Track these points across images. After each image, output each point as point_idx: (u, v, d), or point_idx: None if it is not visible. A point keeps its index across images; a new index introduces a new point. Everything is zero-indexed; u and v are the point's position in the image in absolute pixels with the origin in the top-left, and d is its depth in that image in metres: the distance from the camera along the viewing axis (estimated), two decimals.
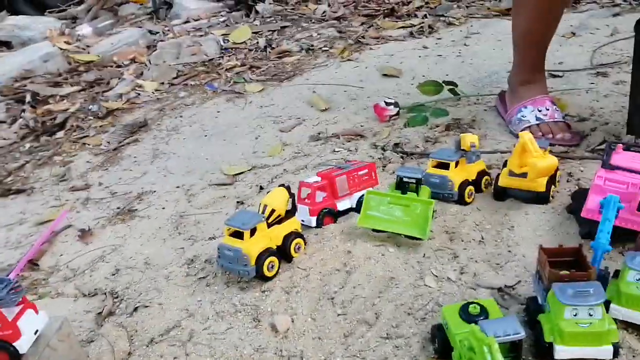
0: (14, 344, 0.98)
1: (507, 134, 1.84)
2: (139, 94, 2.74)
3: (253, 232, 1.26)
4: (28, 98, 2.64)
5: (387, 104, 2.05)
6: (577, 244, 1.25)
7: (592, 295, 0.95)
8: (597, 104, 2.00)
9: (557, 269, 1.03)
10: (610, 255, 1.21)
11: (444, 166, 1.49)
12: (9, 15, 3.72)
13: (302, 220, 1.40)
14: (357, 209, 1.47)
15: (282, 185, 1.36)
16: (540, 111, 1.78)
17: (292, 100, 2.41)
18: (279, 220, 1.32)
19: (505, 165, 1.50)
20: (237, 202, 1.74)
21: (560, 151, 1.68)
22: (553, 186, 1.44)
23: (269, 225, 1.30)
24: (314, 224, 1.41)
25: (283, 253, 1.30)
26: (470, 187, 1.48)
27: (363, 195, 1.47)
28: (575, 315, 0.95)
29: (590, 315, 0.95)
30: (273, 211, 1.31)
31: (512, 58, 1.90)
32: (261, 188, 1.78)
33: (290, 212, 1.35)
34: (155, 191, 1.90)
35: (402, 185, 1.39)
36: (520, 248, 1.28)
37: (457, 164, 1.48)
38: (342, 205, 1.46)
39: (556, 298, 0.96)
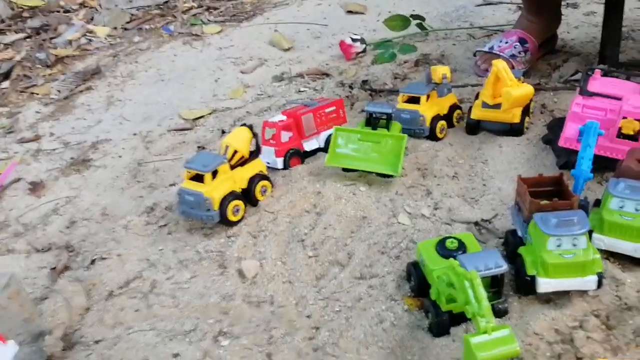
0: None
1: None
2: (90, 40, 2.57)
3: (215, 174, 1.18)
4: None
5: (354, 40, 1.96)
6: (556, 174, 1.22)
7: (576, 224, 0.90)
8: (568, 35, 1.94)
9: (538, 199, 0.98)
10: (588, 185, 1.16)
11: (415, 101, 1.41)
12: None
13: (268, 162, 1.32)
14: (325, 148, 1.39)
15: (244, 124, 1.27)
16: (501, 42, 1.71)
17: (253, 41, 2.29)
18: (243, 162, 1.24)
19: (477, 97, 1.44)
20: (198, 147, 1.65)
21: (533, 83, 1.62)
22: (527, 117, 1.38)
23: (232, 167, 1.22)
24: (280, 165, 1.33)
25: (248, 196, 1.23)
26: (442, 122, 1.41)
27: (331, 134, 1.39)
28: (559, 246, 0.90)
29: (574, 246, 0.90)
30: (236, 152, 1.22)
31: None
32: (223, 132, 1.68)
33: (254, 153, 1.27)
34: (111, 139, 1.79)
35: (372, 122, 1.31)
36: (496, 181, 1.23)
37: (428, 97, 1.41)
38: (309, 145, 1.38)
39: (538, 229, 0.92)
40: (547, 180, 1.02)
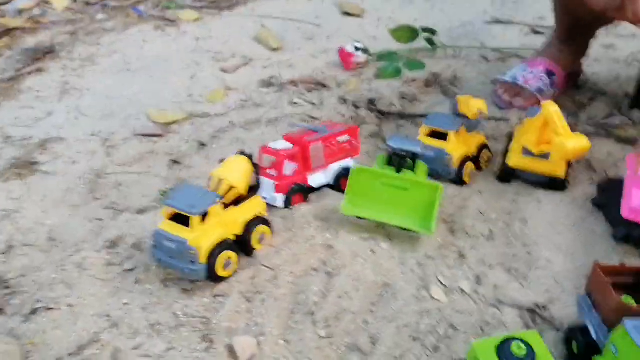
0: None
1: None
2: (45, 12, 2.24)
3: (204, 217, 0.93)
4: None
5: (356, 49, 1.73)
6: (607, 246, 1.03)
7: None
8: (589, 69, 1.76)
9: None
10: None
11: (439, 136, 1.20)
12: None
13: (264, 197, 1.08)
14: (334, 185, 1.16)
15: (243, 152, 1.02)
16: (525, 71, 1.52)
17: (236, 34, 2.03)
18: (237, 200, 0.99)
19: (510, 139, 1.24)
20: (171, 160, 1.38)
21: None
22: (570, 170, 1.19)
23: (225, 206, 0.97)
24: (280, 203, 1.09)
25: (242, 244, 0.98)
26: (471, 164, 1.20)
27: (342, 168, 1.16)
28: None
29: None
30: (231, 188, 0.97)
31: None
32: (202, 144, 1.43)
33: (253, 189, 1.02)
34: (63, 138, 1.50)
35: (395, 161, 1.08)
36: (541, 250, 1.03)
37: (456, 134, 1.19)
38: (315, 180, 1.14)
39: (631, 340, 0.71)
40: (629, 270, 0.83)
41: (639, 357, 0.71)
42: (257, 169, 1.02)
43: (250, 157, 1.02)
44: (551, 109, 1.11)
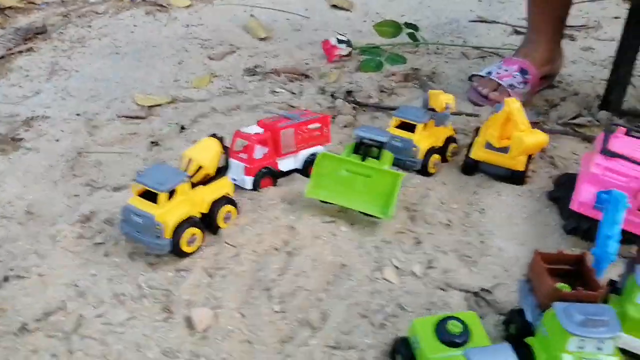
0: None
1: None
2: None
3: (171, 194, 0.97)
4: None
5: (339, 41, 1.77)
6: (558, 237, 1.08)
7: (606, 326, 0.75)
8: (565, 69, 1.80)
9: (554, 279, 0.83)
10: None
11: (408, 127, 1.24)
12: None
13: (234, 179, 1.12)
14: (302, 170, 1.21)
15: (214, 135, 1.07)
16: (500, 68, 1.57)
17: (225, 23, 2.07)
18: (206, 180, 1.04)
19: (477, 133, 1.28)
20: (151, 142, 1.42)
21: (530, 120, 1.47)
22: (530, 165, 1.24)
23: (193, 185, 1.01)
24: (249, 185, 1.14)
25: (208, 222, 1.03)
26: (437, 156, 1.25)
27: (311, 154, 1.21)
28: (581, 348, 0.75)
29: (599, 350, 0.75)
30: (200, 168, 1.02)
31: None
32: (183, 128, 1.47)
33: (222, 171, 1.07)
34: (49, 117, 1.54)
35: (361, 149, 1.13)
36: (495, 238, 1.08)
37: (425, 126, 1.24)
38: (284, 165, 1.19)
39: (558, 322, 0.76)
40: (567, 258, 0.87)
41: (564, 338, 0.75)
42: (226, 151, 1.07)
43: (221, 139, 1.06)
44: (513, 105, 1.15)
